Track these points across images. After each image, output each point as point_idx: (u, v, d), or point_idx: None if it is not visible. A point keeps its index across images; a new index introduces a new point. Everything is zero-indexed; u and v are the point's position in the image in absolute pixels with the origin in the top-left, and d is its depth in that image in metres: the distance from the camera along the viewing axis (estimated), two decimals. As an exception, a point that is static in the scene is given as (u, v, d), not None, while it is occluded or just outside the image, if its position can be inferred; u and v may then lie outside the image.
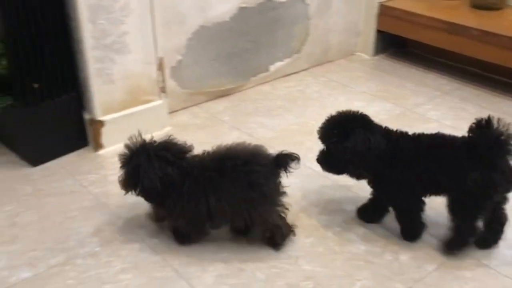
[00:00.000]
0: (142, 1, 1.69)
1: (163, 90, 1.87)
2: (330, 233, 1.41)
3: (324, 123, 1.33)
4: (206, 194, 1.27)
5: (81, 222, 1.46)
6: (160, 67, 1.83)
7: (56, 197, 1.57)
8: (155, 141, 1.31)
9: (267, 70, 2.23)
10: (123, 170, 1.31)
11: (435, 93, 2.18)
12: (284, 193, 1.33)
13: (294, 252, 1.35)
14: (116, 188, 1.57)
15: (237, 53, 2.10)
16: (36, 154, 1.71)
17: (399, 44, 2.54)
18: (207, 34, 1.98)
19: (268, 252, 1.35)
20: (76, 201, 1.55)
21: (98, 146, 1.78)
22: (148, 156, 1.27)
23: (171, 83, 1.95)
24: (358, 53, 2.53)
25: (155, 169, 1.26)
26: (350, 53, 2.52)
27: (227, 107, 2.07)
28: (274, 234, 1.34)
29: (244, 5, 2.04)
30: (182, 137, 1.37)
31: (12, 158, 1.75)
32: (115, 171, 1.65)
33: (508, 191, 1.28)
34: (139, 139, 1.32)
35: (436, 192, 1.32)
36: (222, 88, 2.12)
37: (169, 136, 1.35)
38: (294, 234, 1.38)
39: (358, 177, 1.36)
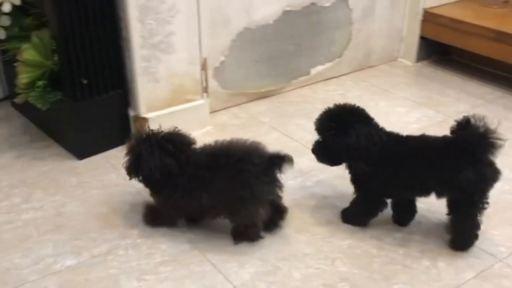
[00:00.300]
0: (189, 2, 1.73)
1: (205, 90, 1.91)
2: (367, 236, 1.42)
3: (321, 115, 1.36)
4: (200, 191, 1.32)
5: (124, 215, 1.51)
6: (204, 67, 1.87)
7: (100, 189, 1.62)
8: (161, 132, 1.37)
9: (308, 73, 2.25)
10: (127, 158, 1.38)
11: (478, 101, 2.15)
12: (276, 189, 1.35)
13: (331, 254, 1.36)
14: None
15: (279, 55, 2.13)
16: (82, 147, 1.77)
17: (442, 51, 2.51)
18: (251, 36, 2.01)
19: (305, 252, 1.36)
20: (119, 194, 1.60)
21: (141, 142, 1.83)
22: (150, 146, 1.33)
23: (213, 84, 1.99)
24: (400, 59, 2.52)
25: (155, 159, 1.32)
26: (392, 58, 2.51)
27: (267, 108, 2.09)
28: (247, 230, 1.38)
29: (288, 9, 2.07)
30: (221, 136, 1.41)
31: (59, 150, 1.82)
32: (157, 167, 1.72)
33: (496, 181, 1.30)
34: (147, 129, 1.38)
35: (424, 193, 1.35)
36: (263, 90, 2.14)
37: (175, 128, 1.40)
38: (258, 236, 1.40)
39: (356, 170, 1.37)
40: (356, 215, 1.45)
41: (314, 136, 1.88)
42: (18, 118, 2.01)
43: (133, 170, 1.38)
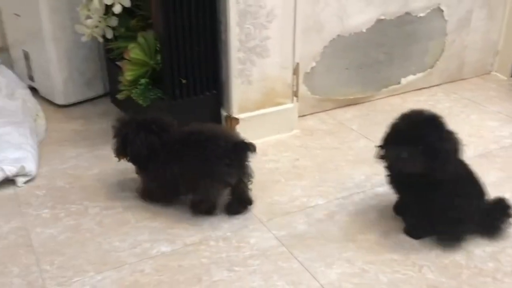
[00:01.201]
0: (286, 8, 1.79)
1: (295, 94, 1.95)
2: (456, 247, 1.40)
3: (410, 122, 1.34)
4: (173, 163, 1.48)
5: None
6: (296, 72, 1.91)
7: (192, 184, 1.70)
8: (143, 116, 1.54)
9: (398, 82, 2.24)
10: (115, 139, 1.55)
11: None
12: (237, 173, 1.47)
13: (418, 261, 1.36)
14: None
15: (370, 63, 2.14)
16: (176, 144, 1.87)
17: (539, 66, 2.42)
18: (343, 43, 2.04)
19: (392, 258, 1.37)
20: (210, 189, 1.67)
21: (231, 141, 1.90)
22: (137, 126, 1.50)
23: (302, 88, 2.03)
24: (494, 73, 2.45)
25: (141, 138, 1.49)
26: (485, 72, 2.45)
27: (355, 115, 2.11)
28: (202, 204, 1.52)
29: (382, 17, 2.08)
30: (309, 140, 1.46)
31: (154, 145, 1.93)
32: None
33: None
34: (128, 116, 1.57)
35: None
36: (352, 97, 2.16)
37: (155, 114, 1.56)
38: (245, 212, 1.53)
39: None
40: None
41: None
42: (117, 114, 2.14)
43: (121, 150, 1.54)
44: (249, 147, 1.46)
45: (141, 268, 1.35)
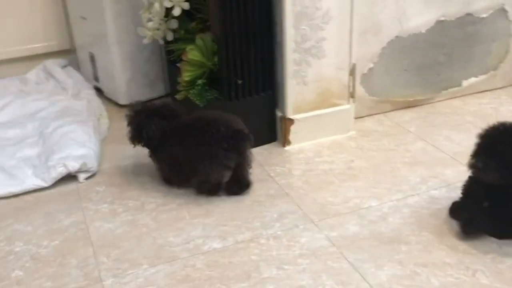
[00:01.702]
0: (343, 9, 1.78)
1: (352, 95, 1.94)
2: (513, 253, 1.35)
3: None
4: (179, 145, 1.59)
5: (266, 207, 1.59)
6: (352, 73, 1.90)
7: (245, 183, 1.72)
8: (154, 104, 1.67)
9: (459, 84, 2.18)
10: (130, 127, 1.65)
11: None
12: (236, 158, 1.57)
13: (472, 265, 1.31)
14: (298, 182, 1.70)
15: (429, 65, 2.09)
16: (232, 143, 1.90)
17: None
18: (401, 45, 2.01)
19: (445, 261, 1.33)
20: (263, 188, 1.68)
21: (286, 142, 1.90)
22: (149, 113, 1.63)
23: (359, 90, 2.01)
24: None
25: (155, 122, 1.61)
26: (554, 74, 2.33)
27: (413, 117, 2.07)
28: (205, 184, 1.61)
29: (442, 19, 2.03)
30: (365, 142, 1.45)
31: (211, 145, 1.96)
32: (300, 166, 1.79)
33: None
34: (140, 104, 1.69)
35: None
36: (410, 99, 2.12)
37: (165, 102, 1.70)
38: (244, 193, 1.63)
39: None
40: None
41: (461, 148, 1.83)
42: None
43: (136, 136, 1.65)
44: (246, 136, 1.57)
45: (192, 263, 1.38)
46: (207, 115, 1.63)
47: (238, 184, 1.65)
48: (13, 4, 2.44)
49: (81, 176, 1.76)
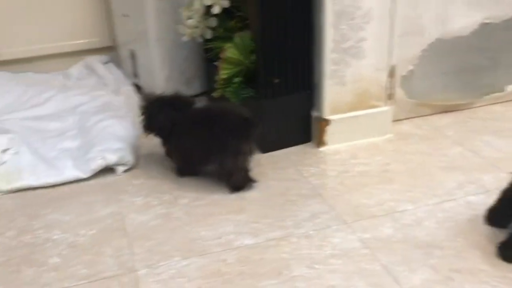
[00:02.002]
0: (384, 10, 1.76)
1: (390, 97, 1.91)
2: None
3: None
4: (188, 137, 1.64)
5: (299, 207, 1.58)
6: (391, 74, 1.87)
7: (279, 181, 1.72)
8: (165, 95, 1.71)
9: (502, 90, 2.12)
10: (143, 117, 1.71)
11: None
12: (243, 147, 1.61)
13: (509, 273, 1.27)
14: (332, 183, 1.69)
15: (471, 69, 2.05)
16: (266, 142, 1.89)
17: None
18: (443, 47, 1.97)
19: (480, 268, 1.30)
20: (295, 188, 1.68)
21: (321, 143, 1.89)
22: (160, 103, 1.69)
23: (398, 92, 1.98)
24: None
25: (165, 112, 1.66)
26: None
27: (452, 122, 2.03)
28: (228, 179, 1.65)
29: (487, 21, 1.98)
30: (402, 145, 1.44)
31: (246, 143, 1.97)
32: (335, 168, 1.78)
33: None
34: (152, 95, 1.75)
35: None
36: (450, 103, 2.08)
37: (176, 92, 1.74)
38: (250, 186, 1.67)
39: None
40: None
41: (501, 154, 1.79)
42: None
43: (148, 126, 1.71)
44: (254, 124, 1.61)
45: (224, 257, 1.39)
46: (217, 106, 1.73)
47: (243, 177, 1.69)
48: (58, 1, 2.50)
49: (119, 169, 1.79)
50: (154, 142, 1.97)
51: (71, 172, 1.75)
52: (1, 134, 1.89)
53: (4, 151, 1.81)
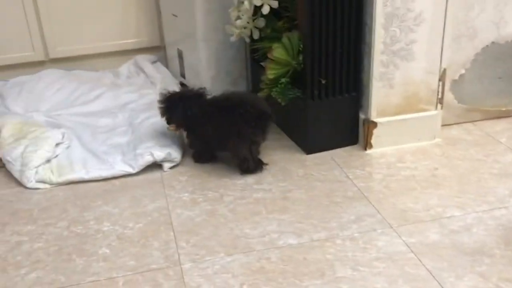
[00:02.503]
0: (436, 12, 1.73)
1: (440, 101, 1.88)
2: None
3: None
4: (207, 123, 1.74)
5: (343, 209, 1.57)
6: (442, 78, 1.84)
7: (323, 182, 1.71)
8: (181, 89, 1.86)
9: (560, 97, 2.06)
10: (162, 107, 1.81)
11: None
12: (259, 137, 1.74)
13: None
14: (378, 186, 1.67)
15: (526, 74, 1.99)
16: (311, 143, 1.89)
17: None
18: (497, 51, 1.92)
19: (533, 278, 1.26)
20: (340, 189, 1.67)
21: (367, 145, 1.87)
22: (180, 96, 1.79)
23: (448, 96, 1.94)
24: None
25: (183, 106, 1.76)
26: None
27: (505, 128, 1.97)
28: (241, 164, 1.75)
29: (544, 25, 1.93)
30: (451, 150, 1.42)
31: (289, 143, 1.97)
32: (381, 171, 1.76)
33: None
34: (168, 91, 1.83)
35: None
36: (503, 109, 2.02)
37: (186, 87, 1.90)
38: (262, 170, 1.78)
39: None
40: None
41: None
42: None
43: (165, 114, 1.81)
44: (270, 116, 1.72)
45: (267, 256, 1.39)
46: (235, 96, 1.83)
47: (255, 162, 1.78)
48: (109, 2, 2.57)
49: (166, 165, 1.82)
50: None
51: (120, 166, 1.79)
52: (54, 129, 1.95)
53: (57, 145, 1.87)
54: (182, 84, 1.87)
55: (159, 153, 1.81)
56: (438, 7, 1.73)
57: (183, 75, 2.48)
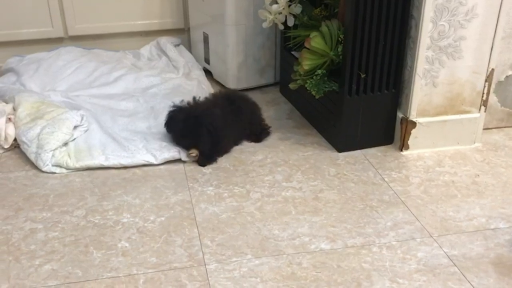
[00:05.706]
0: (490, 8, 1.61)
1: (484, 103, 1.76)
2: None
3: None
4: (225, 125, 1.73)
5: (380, 214, 1.47)
6: (489, 79, 1.72)
7: (357, 184, 1.61)
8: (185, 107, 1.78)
9: None
10: (181, 134, 1.75)
11: None
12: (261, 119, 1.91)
13: None
14: (416, 191, 1.57)
15: None
16: (344, 141, 1.78)
17: None
18: (549, 53, 1.80)
19: None
20: (376, 192, 1.56)
21: (404, 146, 1.76)
22: (184, 115, 1.74)
23: (491, 98, 1.83)
24: None
25: (205, 126, 1.71)
26: None
27: (551, 136, 1.86)
28: (260, 134, 1.87)
29: None
30: (491, 156, 1.32)
31: (320, 140, 1.86)
32: (418, 174, 1.65)
33: None
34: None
35: None
36: (549, 115, 1.91)
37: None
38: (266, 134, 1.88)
39: None
40: None
41: None
42: (284, 104, 2.12)
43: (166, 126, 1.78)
44: (264, 129, 1.90)
45: (298, 260, 1.29)
46: (230, 94, 1.94)
47: (256, 135, 1.87)
48: (135, -20, 2.46)
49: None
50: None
51: (142, 156, 1.69)
52: (73, 110, 1.85)
53: (75, 127, 1.77)
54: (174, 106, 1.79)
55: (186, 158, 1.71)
56: (493, 2, 1.60)
57: (207, 61, 2.37)
